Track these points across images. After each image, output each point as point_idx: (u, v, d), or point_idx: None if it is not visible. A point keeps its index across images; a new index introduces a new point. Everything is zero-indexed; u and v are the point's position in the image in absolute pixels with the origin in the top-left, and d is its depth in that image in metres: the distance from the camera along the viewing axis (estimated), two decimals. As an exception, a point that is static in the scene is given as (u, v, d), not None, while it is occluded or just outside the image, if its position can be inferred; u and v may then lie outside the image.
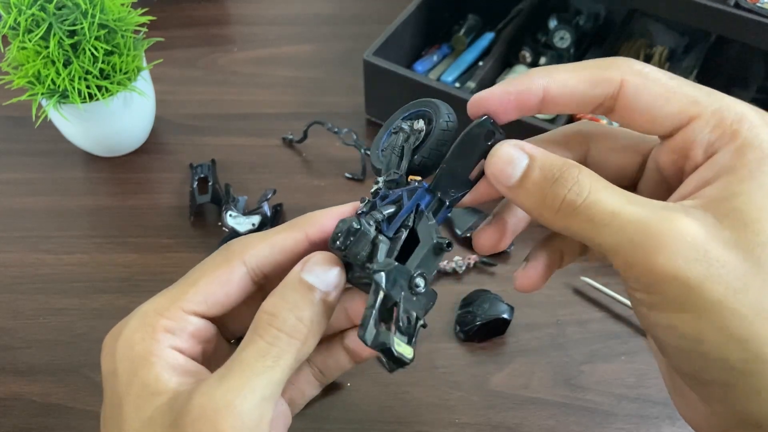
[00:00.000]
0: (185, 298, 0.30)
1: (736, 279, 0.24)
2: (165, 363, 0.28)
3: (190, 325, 0.30)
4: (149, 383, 0.28)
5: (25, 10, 0.54)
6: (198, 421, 0.26)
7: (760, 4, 0.58)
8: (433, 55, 0.75)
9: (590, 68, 0.28)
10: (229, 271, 0.30)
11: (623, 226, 0.25)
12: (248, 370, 0.27)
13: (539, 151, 0.27)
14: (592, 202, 0.25)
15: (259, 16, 0.85)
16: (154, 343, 0.29)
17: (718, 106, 0.26)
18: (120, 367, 0.29)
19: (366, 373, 0.52)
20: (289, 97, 0.74)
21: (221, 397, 0.26)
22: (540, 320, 0.55)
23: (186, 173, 0.66)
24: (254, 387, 0.27)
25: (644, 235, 0.24)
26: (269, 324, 0.28)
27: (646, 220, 0.25)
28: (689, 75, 0.70)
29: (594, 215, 0.25)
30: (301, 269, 0.29)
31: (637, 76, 0.27)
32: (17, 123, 0.71)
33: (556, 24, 0.73)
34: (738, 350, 0.24)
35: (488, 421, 0.50)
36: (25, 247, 0.61)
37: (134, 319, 0.30)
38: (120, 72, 0.60)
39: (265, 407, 0.27)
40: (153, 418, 0.27)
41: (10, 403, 0.51)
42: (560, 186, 0.26)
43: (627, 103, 0.27)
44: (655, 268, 0.24)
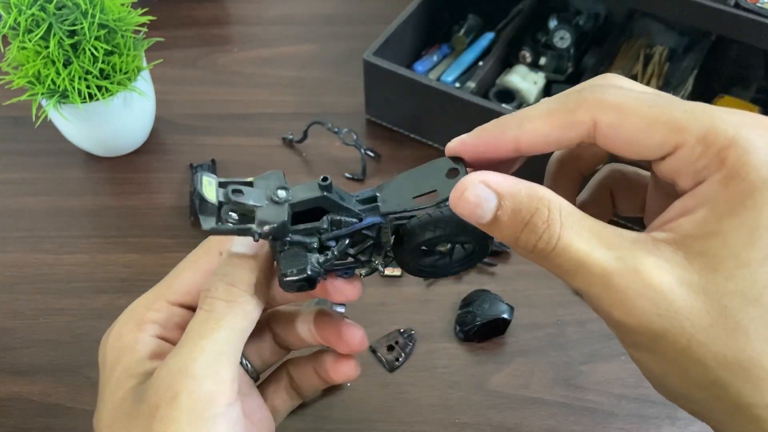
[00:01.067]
0: (170, 291, 0.32)
1: (702, 330, 0.24)
2: (149, 350, 0.30)
3: (175, 316, 0.32)
4: (129, 368, 0.30)
5: (25, 10, 0.54)
6: (159, 390, 0.27)
7: (760, 4, 0.58)
8: (433, 55, 0.75)
9: (559, 112, 0.26)
10: (208, 261, 0.32)
11: (589, 278, 0.25)
12: (194, 335, 0.29)
13: (506, 185, 0.26)
14: (561, 250, 0.25)
15: (259, 16, 0.85)
16: (140, 334, 0.31)
17: (705, 130, 0.24)
18: (106, 358, 0.31)
19: (366, 373, 0.52)
20: (289, 97, 0.74)
21: (175, 364, 0.28)
22: (540, 320, 0.55)
23: (186, 173, 0.66)
24: (202, 348, 0.28)
25: (608, 289, 0.24)
26: (206, 296, 0.29)
27: (610, 273, 0.24)
28: (689, 75, 0.70)
29: (562, 264, 0.25)
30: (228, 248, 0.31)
31: (611, 113, 0.25)
32: (17, 123, 0.71)
33: (556, 24, 0.73)
34: (701, 393, 0.25)
35: (488, 421, 0.50)
36: (25, 247, 0.61)
37: (125, 313, 0.32)
38: (120, 72, 0.60)
39: (220, 365, 0.28)
40: (125, 396, 0.29)
41: (10, 403, 0.51)
42: (531, 232, 0.25)
43: (605, 142, 0.26)
44: (620, 318, 0.24)
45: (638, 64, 0.72)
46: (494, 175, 0.26)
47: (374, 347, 0.53)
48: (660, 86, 0.71)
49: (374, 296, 0.57)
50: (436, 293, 0.57)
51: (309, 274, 0.28)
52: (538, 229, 0.25)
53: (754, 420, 0.24)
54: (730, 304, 0.23)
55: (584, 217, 0.25)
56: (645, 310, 0.24)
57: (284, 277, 0.28)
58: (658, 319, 0.24)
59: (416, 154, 0.68)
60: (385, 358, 0.53)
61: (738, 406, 0.24)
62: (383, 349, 0.53)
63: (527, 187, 0.26)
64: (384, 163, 0.67)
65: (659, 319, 0.24)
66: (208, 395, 0.27)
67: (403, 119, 0.69)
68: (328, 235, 0.29)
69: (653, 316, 0.24)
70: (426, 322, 0.55)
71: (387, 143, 0.69)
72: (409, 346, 0.54)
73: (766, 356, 0.24)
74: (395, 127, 0.70)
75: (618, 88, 0.26)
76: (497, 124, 0.28)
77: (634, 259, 0.24)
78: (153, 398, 0.27)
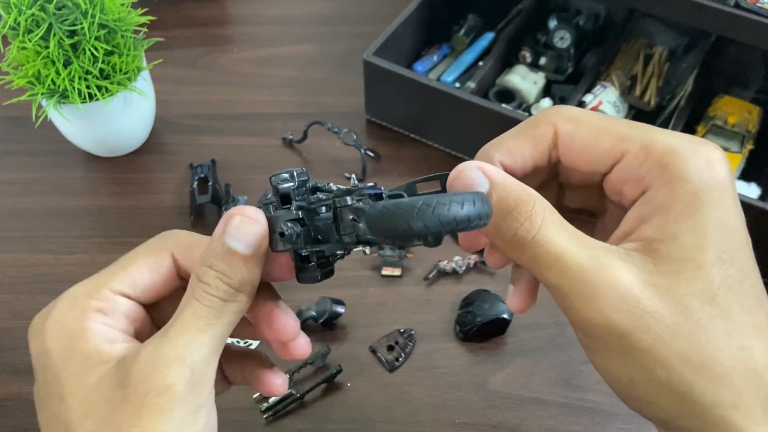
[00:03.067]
0: (115, 280, 0.31)
1: (666, 329, 0.25)
2: (102, 336, 0.29)
3: (120, 305, 0.31)
4: (90, 355, 0.29)
5: (25, 10, 0.54)
6: (149, 376, 0.27)
7: (760, 4, 0.58)
8: (433, 55, 0.75)
9: (527, 129, 0.30)
10: (159, 261, 0.32)
11: (564, 271, 0.26)
12: (193, 327, 0.28)
13: (500, 176, 0.28)
14: (540, 241, 0.26)
15: (259, 16, 0.85)
16: (87, 321, 0.29)
17: (646, 140, 0.27)
18: (52, 345, 0.29)
19: (366, 373, 0.52)
20: (289, 97, 0.74)
21: (169, 352, 0.27)
22: (540, 320, 0.55)
23: (186, 173, 0.66)
24: (201, 342, 0.28)
25: (581, 283, 0.26)
26: (204, 291, 0.29)
27: (585, 268, 0.26)
28: (689, 75, 0.70)
29: (540, 255, 0.26)
30: (224, 232, 0.29)
31: (569, 122, 0.29)
32: (17, 123, 0.71)
33: (556, 24, 0.73)
34: (666, 395, 0.26)
35: (488, 421, 0.50)
36: (25, 247, 0.61)
37: (63, 301, 0.30)
38: (120, 72, 0.60)
39: (210, 361, 0.29)
40: (99, 382, 0.28)
41: (10, 403, 0.51)
42: (513, 219, 0.27)
43: (564, 149, 0.29)
44: (590, 315, 0.26)
45: (638, 64, 0.72)
46: (492, 166, 0.28)
47: (374, 347, 0.53)
48: (660, 86, 0.71)
49: (374, 296, 0.57)
50: (436, 293, 0.57)
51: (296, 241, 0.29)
52: (520, 216, 0.26)
53: (720, 422, 0.25)
54: (690, 304, 0.25)
55: (564, 221, 0.27)
56: (614, 305, 0.25)
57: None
58: (627, 316, 0.25)
59: (416, 154, 0.68)
60: (385, 358, 0.53)
61: (704, 408, 0.25)
62: (383, 349, 0.53)
63: (518, 183, 0.28)
64: (384, 163, 0.67)
65: (627, 315, 0.25)
66: (199, 386, 0.28)
67: (403, 119, 0.69)
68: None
69: (622, 312, 0.25)
70: (426, 322, 0.55)
71: (387, 143, 0.69)
72: (409, 346, 0.54)
73: (725, 354, 0.25)
74: (395, 127, 0.70)
75: (573, 108, 0.30)
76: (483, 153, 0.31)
77: (607, 260, 0.26)
78: (141, 385, 0.27)
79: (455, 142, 0.67)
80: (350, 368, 0.52)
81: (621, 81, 0.70)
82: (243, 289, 0.29)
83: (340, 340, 0.54)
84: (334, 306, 0.54)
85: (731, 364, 0.25)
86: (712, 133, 0.65)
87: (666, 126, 0.66)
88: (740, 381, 0.25)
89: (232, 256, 0.29)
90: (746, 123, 0.66)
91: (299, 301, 0.55)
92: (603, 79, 0.70)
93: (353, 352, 0.53)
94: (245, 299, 0.30)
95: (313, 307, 0.54)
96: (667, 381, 0.25)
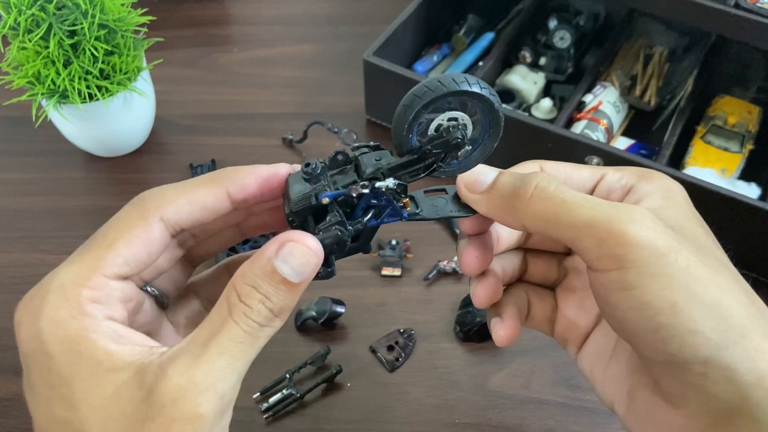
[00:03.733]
0: (106, 264, 0.28)
1: (691, 253, 0.27)
2: (107, 337, 0.27)
3: (116, 291, 0.29)
4: (101, 360, 0.27)
5: (25, 10, 0.54)
6: (179, 401, 0.26)
7: (760, 4, 0.58)
8: (433, 55, 0.75)
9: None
10: (148, 230, 0.29)
11: (597, 204, 0.28)
12: (228, 354, 0.27)
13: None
14: (563, 189, 0.28)
15: (259, 16, 0.85)
16: (86, 319, 0.27)
17: None
18: (54, 348, 0.27)
19: (366, 373, 0.52)
20: (289, 97, 0.74)
21: (203, 379, 0.26)
22: (540, 320, 0.55)
23: (186, 173, 0.66)
24: (234, 369, 0.27)
25: (617, 209, 0.27)
26: (245, 314, 0.27)
27: (615, 203, 0.28)
28: (689, 75, 0.70)
29: (567, 198, 0.28)
30: (276, 254, 0.28)
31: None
32: (17, 123, 0.71)
33: (556, 24, 0.73)
34: (709, 318, 0.26)
35: (488, 421, 0.50)
36: (25, 247, 0.61)
37: (53, 294, 0.28)
38: (120, 72, 0.60)
39: (238, 386, 0.28)
40: (118, 393, 0.26)
41: (10, 404, 0.51)
42: (530, 179, 0.29)
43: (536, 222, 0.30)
44: (630, 236, 0.27)
45: (638, 64, 0.72)
46: None
47: (374, 347, 0.53)
48: (660, 86, 0.71)
49: (374, 296, 0.57)
50: (436, 293, 0.57)
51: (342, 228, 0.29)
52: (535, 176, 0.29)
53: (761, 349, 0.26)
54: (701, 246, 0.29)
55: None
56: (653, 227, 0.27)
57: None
58: (664, 236, 0.27)
59: (416, 154, 0.68)
60: (385, 358, 0.53)
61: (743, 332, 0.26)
62: (383, 349, 0.53)
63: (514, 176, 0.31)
64: (384, 163, 0.67)
65: (664, 236, 0.27)
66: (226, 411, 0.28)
67: (403, 119, 0.69)
68: None
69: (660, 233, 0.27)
70: (426, 322, 0.55)
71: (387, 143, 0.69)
72: (409, 346, 0.54)
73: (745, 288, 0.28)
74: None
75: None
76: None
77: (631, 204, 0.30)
78: (169, 409, 0.26)
79: (455, 142, 0.67)
80: (350, 368, 0.52)
81: (621, 81, 0.70)
82: (281, 315, 0.28)
83: (340, 340, 0.54)
84: (334, 306, 0.54)
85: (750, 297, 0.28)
86: (712, 133, 0.65)
87: (666, 126, 0.67)
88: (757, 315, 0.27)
89: (280, 282, 0.28)
90: (746, 123, 0.66)
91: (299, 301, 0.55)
92: (603, 79, 0.70)
93: (353, 352, 0.53)
94: (279, 325, 0.29)
95: (313, 307, 0.54)
96: (708, 299, 0.26)
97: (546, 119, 0.68)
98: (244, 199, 0.31)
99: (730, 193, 0.54)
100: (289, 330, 0.55)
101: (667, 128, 0.66)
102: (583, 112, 0.66)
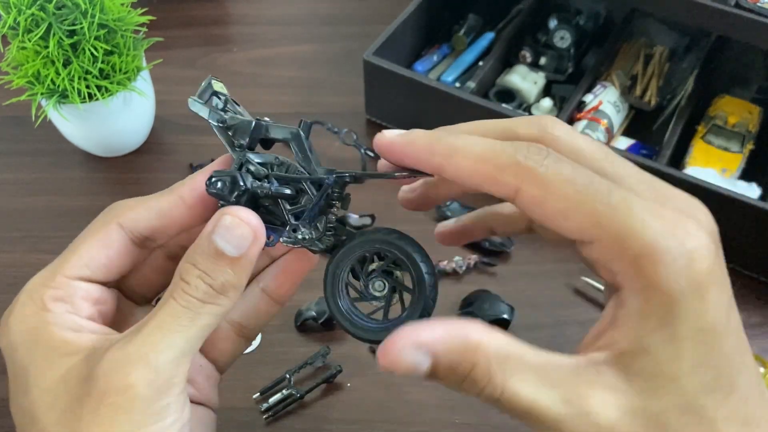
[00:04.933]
0: (67, 266, 0.30)
1: None
2: (65, 327, 0.29)
3: (77, 290, 0.30)
4: (56, 346, 0.28)
5: (24, 9, 0.54)
6: (109, 373, 0.26)
7: (761, 3, 0.58)
8: (433, 55, 0.75)
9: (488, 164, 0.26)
10: (106, 235, 0.31)
11: (539, 424, 0.25)
12: (164, 327, 0.27)
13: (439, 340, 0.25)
14: (508, 400, 0.25)
15: (259, 16, 0.85)
16: (46, 313, 0.29)
17: (621, 232, 0.24)
18: (16, 340, 0.29)
19: (366, 373, 0.52)
20: (289, 97, 0.74)
21: (135, 351, 0.27)
22: (540, 320, 0.55)
23: (186, 173, 0.66)
24: (170, 343, 0.27)
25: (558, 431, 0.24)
26: (183, 290, 0.28)
27: (560, 420, 0.24)
28: (689, 75, 0.70)
29: (512, 410, 0.25)
30: (212, 230, 0.28)
31: (535, 187, 0.25)
32: (17, 123, 0.71)
33: (557, 24, 0.73)
34: None
35: (488, 421, 0.50)
36: (25, 247, 0.61)
37: (22, 295, 0.30)
38: (120, 72, 0.60)
39: (181, 363, 0.28)
40: (67, 375, 0.28)
41: (10, 404, 0.51)
42: (472, 385, 0.25)
43: (524, 208, 0.26)
44: None
45: (638, 64, 0.72)
46: (425, 329, 0.26)
47: (374, 347, 0.53)
48: (660, 86, 0.71)
49: (374, 296, 0.57)
50: (436, 293, 0.57)
51: (235, 176, 0.29)
52: (479, 383, 0.25)
53: None
54: (669, 420, 0.24)
55: (523, 355, 0.26)
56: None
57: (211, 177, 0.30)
58: None
59: (416, 154, 0.68)
60: (385, 359, 0.53)
61: None
62: (383, 349, 0.53)
63: (461, 337, 0.25)
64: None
65: None
66: (165, 386, 0.27)
67: (403, 119, 0.69)
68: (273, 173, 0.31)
69: None
70: (426, 322, 0.55)
71: (387, 143, 0.69)
72: (409, 346, 0.53)
73: None
74: (395, 127, 0.70)
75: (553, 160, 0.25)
76: (429, 143, 0.29)
77: (580, 399, 0.24)
78: (102, 381, 0.26)
79: (455, 142, 0.67)
80: (350, 368, 0.52)
81: (621, 81, 0.70)
82: (225, 292, 0.28)
83: (340, 340, 0.54)
84: (334, 306, 0.54)
85: None
86: (712, 133, 0.65)
87: (666, 126, 0.67)
88: None
89: (218, 257, 0.28)
90: (747, 123, 0.66)
91: (299, 301, 0.55)
92: (603, 79, 0.70)
93: (353, 352, 0.53)
94: (227, 303, 0.29)
95: (313, 307, 0.54)
96: None
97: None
98: (200, 199, 0.31)
99: (731, 193, 0.54)
100: (289, 330, 0.55)
101: (668, 128, 0.66)
102: (584, 111, 0.66)
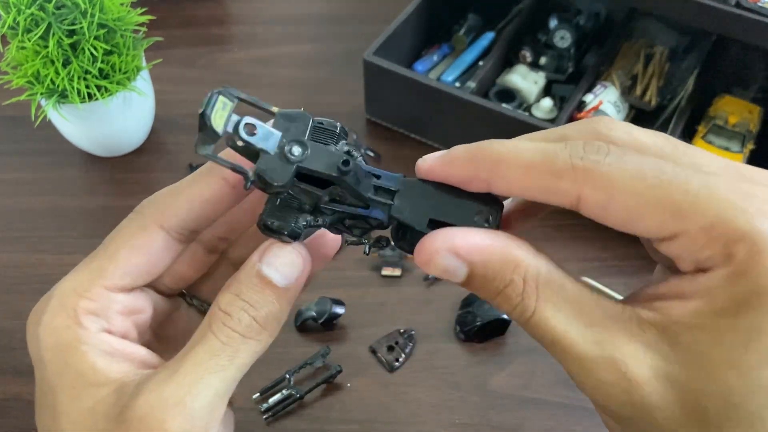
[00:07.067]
0: (106, 275, 0.28)
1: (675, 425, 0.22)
2: (98, 351, 0.27)
3: (115, 303, 0.28)
4: (85, 373, 0.26)
5: (24, 9, 0.54)
6: (146, 418, 0.25)
7: (761, 3, 0.57)
8: (433, 55, 0.75)
9: (541, 172, 0.23)
10: (148, 241, 0.28)
11: (563, 357, 0.24)
12: (201, 367, 0.25)
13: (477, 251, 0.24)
14: (536, 324, 0.24)
15: (259, 16, 0.85)
16: (80, 330, 0.27)
17: (711, 219, 0.21)
18: (46, 355, 0.27)
19: (366, 373, 0.52)
20: (289, 97, 0.74)
21: (171, 395, 0.25)
22: (540, 320, 0.55)
23: (186, 173, 0.66)
24: (207, 385, 0.25)
25: (582, 371, 0.23)
26: (224, 323, 0.26)
27: (586, 359, 0.23)
28: (690, 75, 0.70)
29: (537, 335, 0.24)
30: (259, 259, 0.26)
31: (600, 191, 0.22)
32: (17, 123, 0.71)
33: (557, 24, 0.73)
34: None
35: (488, 421, 0.50)
36: (25, 247, 0.61)
37: (54, 299, 0.28)
38: (119, 72, 0.60)
39: (217, 406, 0.26)
40: (95, 409, 0.26)
41: (10, 404, 0.51)
42: (505, 301, 0.24)
43: (591, 215, 0.23)
44: (591, 396, 0.24)
45: (639, 64, 0.72)
46: (463, 237, 0.24)
47: (374, 347, 0.53)
48: (661, 86, 0.71)
49: (374, 296, 0.57)
50: (436, 293, 0.57)
51: (286, 233, 0.26)
52: (512, 300, 0.24)
53: None
54: (710, 406, 0.21)
55: (564, 285, 0.24)
56: (617, 398, 0.23)
57: (263, 222, 0.26)
58: (630, 408, 0.23)
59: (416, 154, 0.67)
60: (385, 359, 0.53)
61: None
62: (383, 349, 0.53)
63: (501, 250, 0.24)
64: (384, 163, 0.67)
65: (631, 407, 0.23)
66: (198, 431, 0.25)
67: (403, 119, 0.69)
68: (327, 206, 0.27)
69: (625, 404, 0.23)
70: (426, 322, 0.55)
71: (387, 143, 0.69)
72: (409, 347, 0.53)
73: None
74: (395, 127, 0.70)
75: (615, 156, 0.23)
76: (470, 157, 0.26)
77: (612, 346, 0.23)
78: (136, 425, 0.25)
79: (455, 142, 0.66)
80: (350, 368, 0.52)
81: (622, 81, 0.70)
82: (268, 325, 0.26)
83: (340, 340, 0.54)
84: (334, 306, 0.54)
85: None
86: (712, 132, 0.65)
87: (666, 126, 0.66)
88: None
89: (264, 287, 0.26)
90: (747, 123, 0.66)
91: (299, 300, 0.55)
92: (603, 79, 0.70)
93: (353, 352, 0.53)
94: (267, 339, 0.27)
95: (313, 307, 0.54)
96: None
97: (546, 119, 0.68)
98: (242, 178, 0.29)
99: (731, 193, 0.54)
100: (289, 330, 0.55)
101: (668, 128, 0.66)
102: (584, 111, 0.66)
